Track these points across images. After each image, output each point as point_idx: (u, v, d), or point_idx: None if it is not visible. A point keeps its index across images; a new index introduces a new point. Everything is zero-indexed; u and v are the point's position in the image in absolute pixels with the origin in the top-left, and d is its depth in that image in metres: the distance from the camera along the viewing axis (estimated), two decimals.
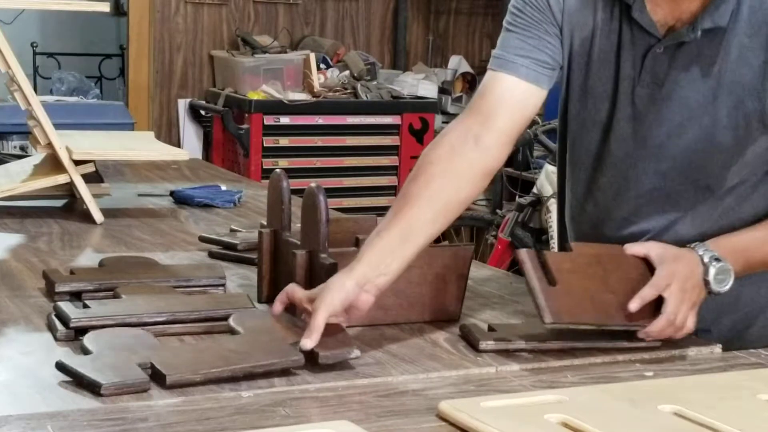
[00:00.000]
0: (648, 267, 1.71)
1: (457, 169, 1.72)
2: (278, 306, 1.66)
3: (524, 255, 1.67)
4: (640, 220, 1.86)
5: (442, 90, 6.12)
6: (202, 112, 5.71)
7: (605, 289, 1.68)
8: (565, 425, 1.31)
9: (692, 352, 1.72)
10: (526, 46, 1.78)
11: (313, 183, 1.74)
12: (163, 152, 2.78)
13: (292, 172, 5.27)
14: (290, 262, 1.75)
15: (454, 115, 6.19)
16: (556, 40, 1.80)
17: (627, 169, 1.85)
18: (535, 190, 4.72)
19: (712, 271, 1.70)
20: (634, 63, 1.78)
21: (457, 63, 6.33)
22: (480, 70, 6.41)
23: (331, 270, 1.66)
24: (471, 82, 6.32)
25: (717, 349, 1.74)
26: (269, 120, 5.35)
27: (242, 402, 1.38)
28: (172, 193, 2.84)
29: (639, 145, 1.82)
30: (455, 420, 1.33)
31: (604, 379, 1.56)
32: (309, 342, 1.51)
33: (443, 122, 6.07)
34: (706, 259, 1.70)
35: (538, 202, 4.71)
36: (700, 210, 1.83)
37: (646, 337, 1.68)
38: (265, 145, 5.35)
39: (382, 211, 5.61)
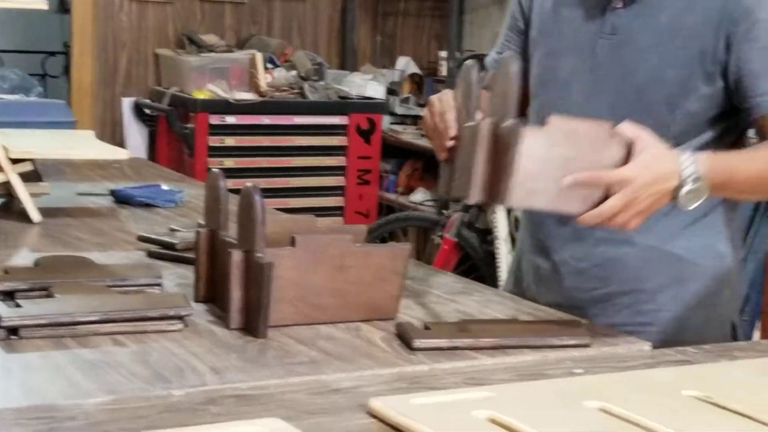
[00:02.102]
0: (626, 155, 1.67)
1: None
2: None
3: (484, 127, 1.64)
4: None
5: (390, 91, 6.15)
6: (147, 111, 5.69)
7: (565, 170, 1.64)
8: (493, 421, 1.33)
9: (622, 349, 1.75)
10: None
11: (249, 183, 1.75)
12: (104, 151, 2.77)
13: (238, 172, 5.23)
14: (226, 261, 1.75)
15: (402, 116, 6.25)
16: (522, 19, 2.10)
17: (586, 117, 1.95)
18: None
19: (684, 189, 1.71)
20: (596, 19, 1.97)
21: (405, 64, 6.36)
22: (428, 71, 6.44)
23: (267, 270, 1.67)
24: (419, 84, 6.35)
25: (646, 346, 1.77)
26: (215, 119, 5.35)
27: (173, 400, 1.39)
28: (112, 193, 2.83)
29: (597, 93, 1.97)
30: (384, 417, 1.35)
31: (534, 376, 1.58)
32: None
33: (391, 123, 6.11)
34: (684, 175, 1.71)
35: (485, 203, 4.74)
36: None
37: (581, 219, 1.68)
38: (210, 144, 5.35)
39: (329, 211, 5.68)
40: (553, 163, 1.64)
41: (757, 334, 3.42)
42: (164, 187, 2.94)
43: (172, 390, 1.41)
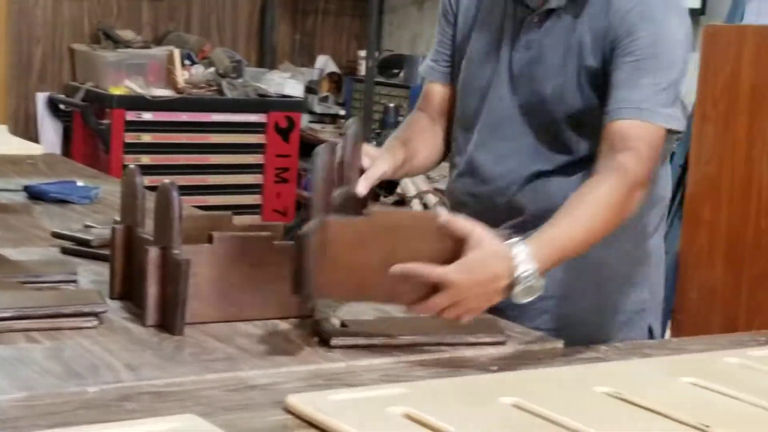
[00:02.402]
0: (457, 247, 1.61)
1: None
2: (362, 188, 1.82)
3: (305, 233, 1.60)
4: (513, 177, 2.00)
5: (309, 89, 6.14)
6: (62, 107, 5.61)
7: (387, 263, 1.60)
8: (408, 417, 1.35)
9: (536, 347, 1.78)
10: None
11: (166, 180, 1.74)
12: (17, 146, 2.74)
13: (154, 169, 5.18)
14: (143, 258, 1.74)
15: (321, 115, 6.25)
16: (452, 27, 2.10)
17: (501, 127, 2.02)
18: (399, 190, 4.78)
19: (518, 287, 1.67)
20: (513, 31, 2.00)
21: (324, 63, 6.36)
22: (347, 70, 6.45)
23: (185, 266, 1.66)
24: (338, 82, 6.36)
25: (559, 344, 1.80)
26: (131, 116, 5.30)
27: (88, 397, 1.38)
28: (26, 188, 2.79)
29: (512, 105, 2.00)
30: (301, 413, 1.36)
31: (451, 373, 1.60)
32: (362, 187, 1.79)
33: (309, 121, 6.10)
34: (517, 273, 1.66)
35: (402, 202, 4.77)
36: (563, 174, 1.98)
37: (408, 309, 1.65)
38: (126, 141, 5.29)
39: (247, 209, 5.65)
40: (376, 255, 1.61)
41: (668, 333, 3.48)
42: (79, 183, 2.91)
43: (87, 387, 1.41)
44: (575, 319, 1.98)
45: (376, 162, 1.88)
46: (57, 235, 2.25)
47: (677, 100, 1.90)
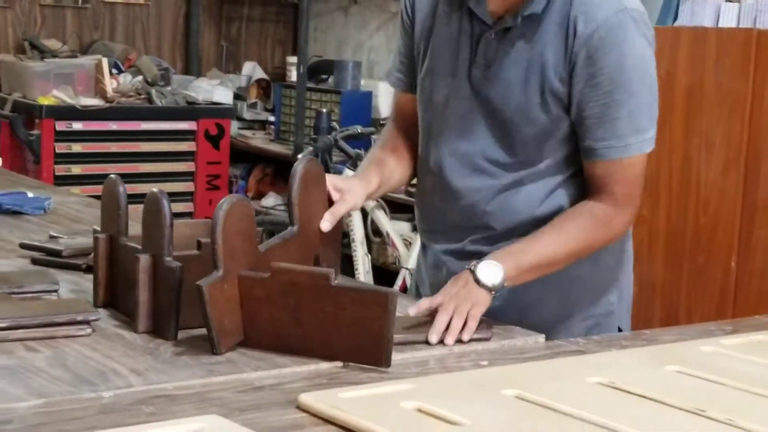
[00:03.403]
0: (352, 302, 1.62)
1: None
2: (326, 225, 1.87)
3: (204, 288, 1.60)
4: (479, 192, 2.01)
5: (237, 96, 6.14)
6: None
7: (293, 319, 1.66)
8: (421, 411, 1.38)
9: (519, 342, 1.83)
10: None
11: (155, 189, 1.76)
12: None
13: (85, 179, 5.14)
14: (131, 266, 1.75)
15: (250, 121, 6.25)
16: (411, 37, 2.08)
17: (464, 143, 2.01)
18: None
19: (478, 270, 1.81)
20: (471, 47, 1.97)
21: (251, 69, 6.37)
22: (274, 76, 6.46)
23: (179, 273, 1.68)
24: (265, 89, 6.37)
25: (540, 338, 1.86)
26: (61, 126, 5.25)
27: (104, 402, 1.39)
28: None
29: (472, 120, 1.99)
30: (316, 411, 1.39)
31: (445, 369, 1.64)
32: (327, 224, 1.85)
33: (239, 128, 6.11)
34: (471, 266, 1.82)
35: None
36: (529, 186, 1.98)
37: (433, 337, 1.76)
38: (57, 151, 5.25)
39: (178, 217, 5.61)
40: (284, 310, 1.66)
41: None
42: (30, 194, 2.89)
43: (101, 392, 1.42)
44: (544, 326, 1.95)
45: (344, 197, 1.91)
46: (26, 247, 2.24)
47: (654, 114, 1.91)
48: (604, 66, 1.85)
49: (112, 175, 1.90)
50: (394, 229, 4.53)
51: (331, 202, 1.90)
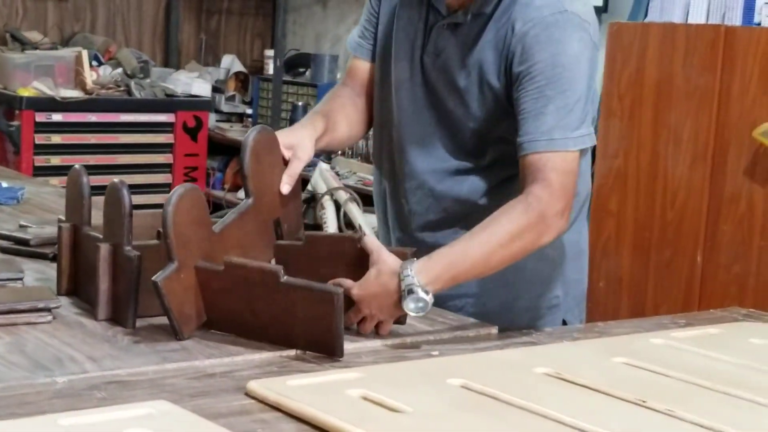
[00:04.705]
0: (301, 300, 1.66)
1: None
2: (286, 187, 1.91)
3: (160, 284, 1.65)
4: (427, 176, 2.05)
5: (216, 89, 6.17)
6: None
7: (249, 310, 1.70)
8: (366, 399, 1.42)
9: (472, 333, 1.87)
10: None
11: (116, 179, 1.79)
12: None
13: (64, 170, 5.21)
14: (93, 255, 1.79)
15: (228, 114, 6.28)
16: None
17: (413, 126, 2.05)
18: (309, 187, 4.84)
19: (404, 302, 1.75)
20: (425, 34, 2.03)
21: (230, 62, 6.39)
22: (252, 69, 6.49)
23: (137, 262, 1.72)
24: (244, 81, 6.39)
25: (494, 330, 1.90)
26: (41, 117, 5.28)
27: (58, 387, 1.43)
28: None
29: (422, 106, 2.04)
30: (264, 398, 1.42)
31: (395, 358, 1.68)
32: (286, 186, 1.89)
33: (217, 121, 6.13)
34: (402, 287, 1.76)
35: (313, 199, 4.84)
36: (475, 179, 2.02)
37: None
38: (36, 142, 5.28)
39: (156, 208, 5.65)
40: (241, 301, 1.70)
41: None
42: (4, 184, 2.92)
43: (55, 377, 1.46)
44: (487, 316, 2.00)
45: (296, 153, 1.93)
46: None
47: (586, 115, 1.90)
48: (537, 62, 1.88)
49: (76, 166, 1.94)
50: (367, 221, 4.56)
51: (286, 162, 1.93)
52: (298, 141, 1.96)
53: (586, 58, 1.90)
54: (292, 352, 1.67)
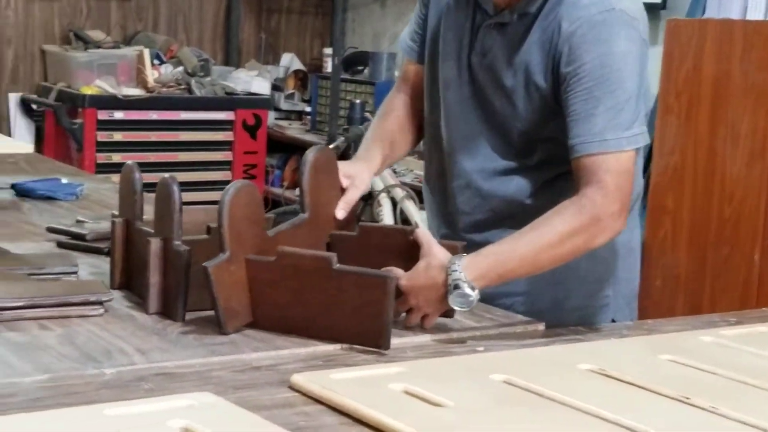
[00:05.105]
0: (352, 286, 1.68)
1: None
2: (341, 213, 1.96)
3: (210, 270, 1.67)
4: (475, 176, 2.06)
5: (275, 87, 6.21)
6: (34, 107, 5.66)
7: (298, 302, 1.72)
8: (407, 393, 1.43)
9: (519, 329, 1.87)
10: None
11: (167, 175, 1.82)
12: (5, 145, 2.80)
13: None
14: (144, 249, 1.82)
15: (287, 111, 6.33)
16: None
17: (460, 125, 2.06)
18: None
19: (450, 297, 1.77)
20: (472, 34, 2.03)
21: (289, 60, 6.44)
22: (311, 67, 6.53)
23: (186, 257, 1.74)
24: (303, 80, 6.43)
25: (540, 326, 1.90)
26: (103, 115, 5.36)
27: (106, 378, 1.46)
28: (13, 186, 2.86)
29: (470, 105, 2.04)
30: (307, 391, 1.44)
31: (440, 353, 1.69)
32: (341, 212, 1.93)
33: (276, 118, 6.18)
34: (449, 282, 1.77)
35: (370, 197, 4.85)
36: (522, 178, 2.02)
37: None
38: (98, 139, 5.36)
39: (215, 205, 5.71)
40: (288, 292, 1.72)
41: None
42: (64, 180, 2.98)
43: (104, 369, 1.49)
44: (535, 315, 1.98)
45: (354, 182, 1.98)
46: (52, 230, 2.32)
47: (638, 114, 1.89)
48: (584, 63, 1.87)
49: (129, 162, 1.98)
50: (423, 219, 4.57)
51: (341, 189, 1.97)
52: (357, 172, 2.01)
53: (634, 55, 1.88)
54: (338, 347, 1.68)
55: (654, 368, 1.62)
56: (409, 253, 1.84)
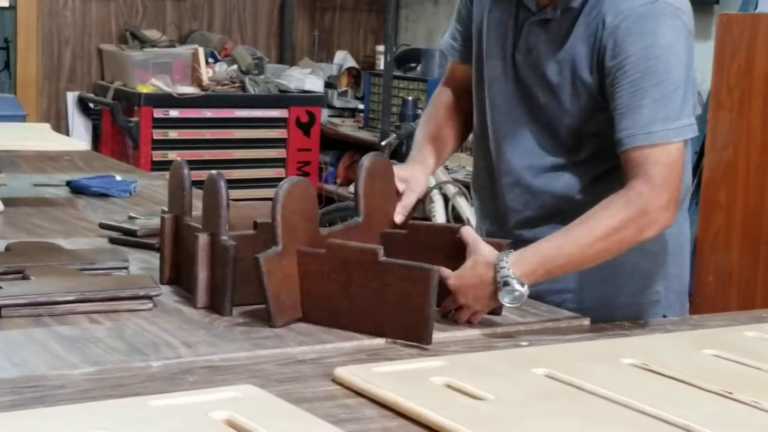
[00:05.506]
0: (397, 278, 1.69)
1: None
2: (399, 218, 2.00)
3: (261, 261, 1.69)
4: (521, 173, 2.06)
5: (328, 84, 6.25)
6: (91, 105, 5.75)
7: (345, 295, 1.74)
8: (449, 386, 1.45)
9: (564, 324, 1.88)
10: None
11: (214, 171, 1.85)
12: (62, 143, 2.86)
13: None
14: (192, 244, 1.85)
15: (340, 109, 6.36)
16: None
17: (507, 123, 2.07)
18: None
19: (500, 294, 1.78)
20: (516, 32, 2.04)
21: (343, 58, 6.46)
22: (365, 65, 6.55)
23: (233, 252, 1.77)
24: (356, 77, 6.46)
25: (586, 321, 1.90)
26: (158, 113, 5.43)
27: (152, 371, 1.49)
28: (68, 183, 2.91)
29: (515, 102, 2.05)
30: (349, 384, 1.46)
31: (484, 348, 1.70)
32: (400, 217, 1.97)
33: (329, 116, 6.21)
34: (498, 279, 1.78)
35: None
36: (570, 174, 2.02)
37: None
38: (154, 137, 5.43)
39: (264, 202, 5.75)
40: (336, 284, 1.75)
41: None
42: (118, 177, 3.02)
43: (150, 362, 1.52)
44: (587, 313, 1.97)
45: (410, 185, 2.02)
46: (104, 226, 2.36)
47: (686, 105, 1.87)
48: (629, 55, 1.86)
49: (178, 159, 2.01)
50: (474, 215, 4.59)
51: (398, 193, 2.01)
52: (412, 175, 2.05)
53: (680, 46, 1.87)
54: (383, 341, 1.70)
55: (697, 363, 1.62)
56: (457, 251, 1.85)
